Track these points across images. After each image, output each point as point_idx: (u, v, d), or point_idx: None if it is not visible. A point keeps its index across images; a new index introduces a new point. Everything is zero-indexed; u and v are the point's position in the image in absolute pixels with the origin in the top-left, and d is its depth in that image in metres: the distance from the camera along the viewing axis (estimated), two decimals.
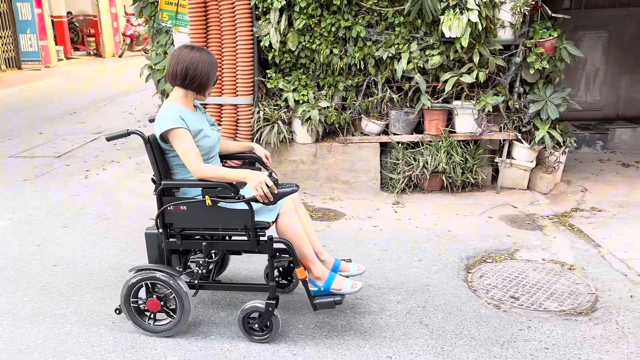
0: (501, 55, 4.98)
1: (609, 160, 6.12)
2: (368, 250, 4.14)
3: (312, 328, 3.14)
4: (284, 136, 5.19)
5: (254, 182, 2.71)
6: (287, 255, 3.24)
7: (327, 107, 5.15)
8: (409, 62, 4.96)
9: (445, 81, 4.96)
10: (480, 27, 4.67)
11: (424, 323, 3.18)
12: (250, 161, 3.36)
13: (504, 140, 5.20)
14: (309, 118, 5.08)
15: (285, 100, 5.19)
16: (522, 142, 5.15)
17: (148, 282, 2.97)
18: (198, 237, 2.99)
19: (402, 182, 5.23)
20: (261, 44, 5.07)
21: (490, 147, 5.38)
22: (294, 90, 5.18)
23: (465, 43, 4.69)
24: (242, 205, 2.82)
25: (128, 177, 5.71)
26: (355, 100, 5.25)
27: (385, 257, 4.02)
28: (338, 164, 5.30)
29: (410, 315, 3.26)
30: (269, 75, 5.27)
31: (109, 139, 2.90)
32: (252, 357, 2.89)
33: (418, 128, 5.35)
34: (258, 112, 5.20)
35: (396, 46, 4.99)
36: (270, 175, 2.81)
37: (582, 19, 6.46)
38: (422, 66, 5.00)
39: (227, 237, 3.08)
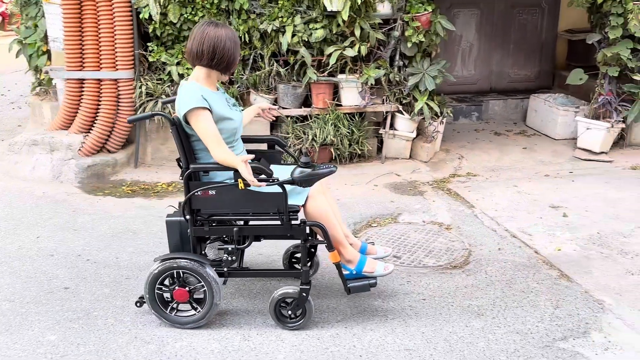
0: (381, 29, 5.16)
1: (483, 130, 6.57)
2: None
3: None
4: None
5: (241, 167, 2.59)
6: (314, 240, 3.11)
7: None
8: (293, 35, 5.01)
9: (330, 55, 5.07)
10: (359, 1, 4.81)
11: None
12: (269, 144, 3.26)
13: (386, 112, 5.42)
14: None
15: (169, 74, 5.05)
16: (403, 114, 5.39)
17: (174, 271, 2.82)
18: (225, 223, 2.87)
19: None
20: (140, 15, 4.89)
21: (375, 119, 5.58)
22: (178, 63, 5.06)
23: (345, 17, 4.82)
24: (275, 188, 2.72)
25: (0, 159, 5.32)
26: (242, 74, 5.22)
27: None
28: None
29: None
30: (150, 48, 5.10)
31: (130, 121, 2.86)
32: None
33: (306, 102, 5.43)
34: (140, 87, 5.03)
35: (280, 19, 5.01)
36: (306, 155, 2.72)
37: None
38: (306, 40, 5.06)
39: (249, 222, 3.01)
